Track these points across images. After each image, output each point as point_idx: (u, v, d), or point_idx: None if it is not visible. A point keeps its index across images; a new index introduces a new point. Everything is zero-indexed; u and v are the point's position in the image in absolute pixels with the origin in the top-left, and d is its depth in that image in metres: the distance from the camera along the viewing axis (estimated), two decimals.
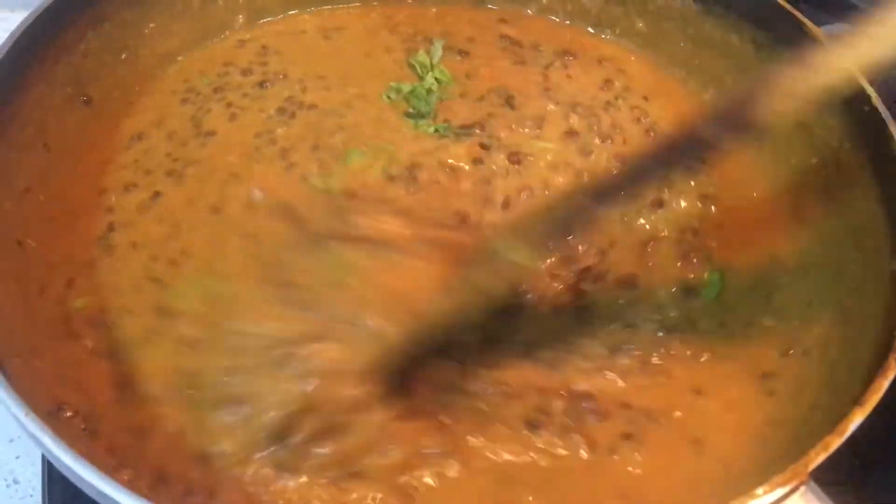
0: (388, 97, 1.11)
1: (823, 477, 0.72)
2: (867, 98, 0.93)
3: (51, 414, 0.79)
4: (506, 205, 1.00)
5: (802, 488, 0.70)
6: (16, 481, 0.99)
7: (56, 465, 0.69)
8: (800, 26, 1.03)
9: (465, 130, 1.07)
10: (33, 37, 0.93)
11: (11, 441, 1.01)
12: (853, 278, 0.91)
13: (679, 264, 0.97)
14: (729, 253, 0.99)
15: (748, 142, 0.99)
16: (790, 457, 0.76)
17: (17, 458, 1.00)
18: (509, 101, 1.11)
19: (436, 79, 1.13)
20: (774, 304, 0.96)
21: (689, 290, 0.96)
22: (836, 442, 0.71)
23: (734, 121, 0.70)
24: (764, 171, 1.05)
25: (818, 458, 0.70)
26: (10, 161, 0.92)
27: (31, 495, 0.98)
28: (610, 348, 0.90)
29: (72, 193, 0.98)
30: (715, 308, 0.95)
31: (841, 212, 0.96)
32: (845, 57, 0.69)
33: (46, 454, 0.69)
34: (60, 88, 1.00)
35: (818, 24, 1.05)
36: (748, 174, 1.05)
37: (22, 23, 0.92)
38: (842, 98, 0.94)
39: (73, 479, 0.68)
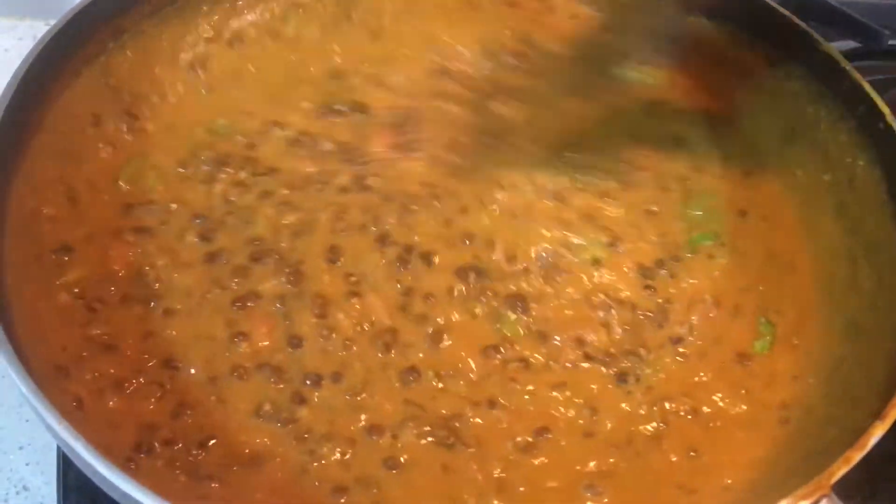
0: None
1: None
2: (881, 115, 0.94)
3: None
4: None
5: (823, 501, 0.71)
6: (25, 488, 0.99)
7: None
8: (814, 43, 1.04)
9: None
10: (56, 49, 0.93)
11: (21, 448, 1.01)
12: (867, 294, 0.92)
13: None
14: None
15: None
16: (801, 474, 0.78)
17: (27, 465, 1.00)
18: None
19: None
20: None
21: None
22: (857, 455, 0.72)
23: None
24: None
25: (840, 471, 0.71)
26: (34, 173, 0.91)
27: (42, 503, 0.98)
28: None
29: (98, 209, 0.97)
30: None
31: (854, 228, 0.97)
32: None
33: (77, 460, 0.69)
34: (82, 100, 0.99)
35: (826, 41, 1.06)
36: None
37: (45, 35, 0.92)
38: (856, 115, 0.95)
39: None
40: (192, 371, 0.86)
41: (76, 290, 0.89)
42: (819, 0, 1.33)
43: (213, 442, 0.82)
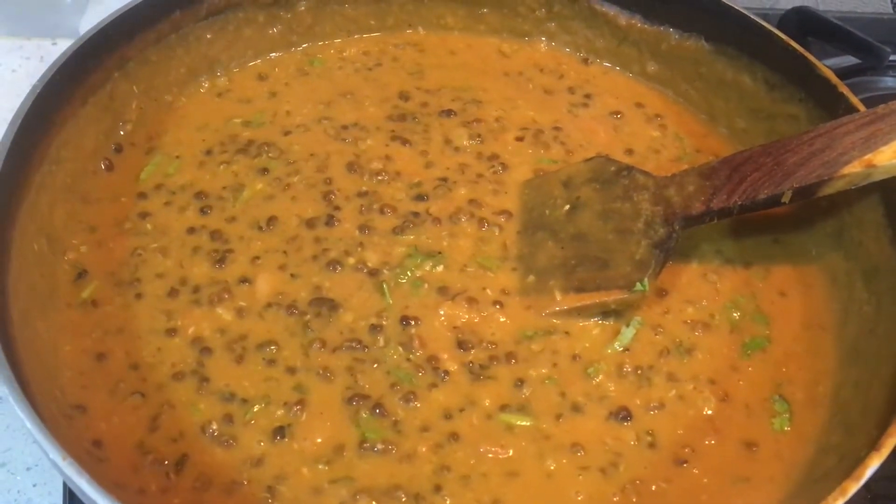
0: None
1: None
2: None
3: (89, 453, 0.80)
4: None
5: None
6: None
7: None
8: (811, 66, 1.04)
9: None
10: (62, 78, 0.94)
11: (28, 469, 1.02)
12: (865, 319, 0.93)
13: None
14: None
15: None
16: (803, 497, 0.78)
17: (35, 485, 1.01)
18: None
19: None
20: None
21: None
22: (853, 487, 0.72)
23: None
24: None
25: (836, 503, 0.71)
26: (40, 205, 0.92)
27: None
28: None
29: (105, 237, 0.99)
30: None
31: (853, 253, 0.97)
32: None
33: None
34: (88, 129, 1.01)
35: (825, 57, 1.06)
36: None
37: (52, 65, 0.93)
38: None
39: None
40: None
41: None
42: (820, 17, 1.33)
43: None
